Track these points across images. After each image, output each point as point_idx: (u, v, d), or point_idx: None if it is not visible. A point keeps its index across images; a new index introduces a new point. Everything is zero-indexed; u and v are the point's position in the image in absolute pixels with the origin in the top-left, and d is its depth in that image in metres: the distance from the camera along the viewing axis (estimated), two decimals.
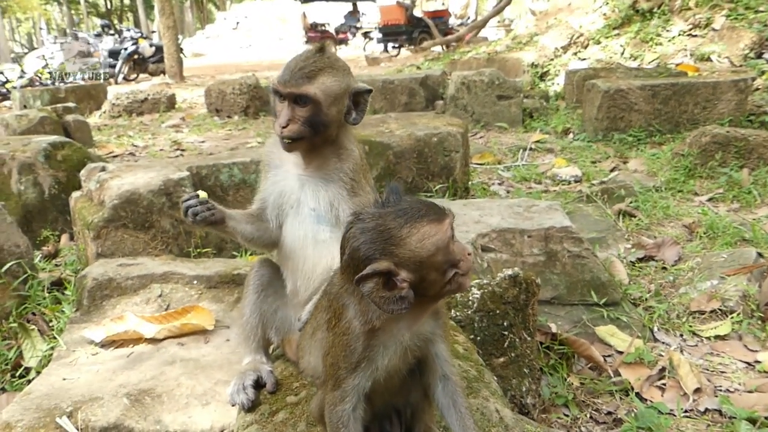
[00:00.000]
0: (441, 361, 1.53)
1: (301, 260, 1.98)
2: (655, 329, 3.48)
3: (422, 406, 1.61)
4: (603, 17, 13.60)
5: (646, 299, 3.77)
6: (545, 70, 13.09)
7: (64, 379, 2.67)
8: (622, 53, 12.33)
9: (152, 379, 2.63)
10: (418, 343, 1.49)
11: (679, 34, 11.88)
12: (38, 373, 2.89)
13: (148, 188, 4.20)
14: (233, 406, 1.89)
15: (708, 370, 3.14)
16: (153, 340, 2.97)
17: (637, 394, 2.92)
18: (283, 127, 1.89)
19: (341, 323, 1.43)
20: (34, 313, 3.51)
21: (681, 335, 3.45)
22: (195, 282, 3.44)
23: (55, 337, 3.11)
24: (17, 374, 3.05)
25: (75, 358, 2.88)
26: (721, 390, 2.95)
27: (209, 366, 2.76)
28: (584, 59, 12.69)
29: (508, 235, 3.64)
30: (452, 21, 30.87)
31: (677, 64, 10.73)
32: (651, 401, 2.86)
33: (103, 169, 4.61)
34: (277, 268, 2.09)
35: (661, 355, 3.21)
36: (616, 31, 12.97)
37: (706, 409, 2.79)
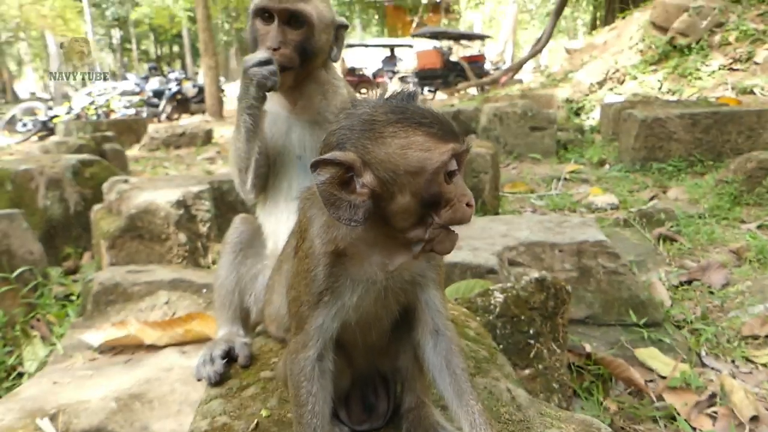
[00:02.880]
0: (432, 312, 1.24)
1: (285, 215, 1.74)
2: (703, 353, 3.14)
3: (413, 372, 1.32)
4: (639, 53, 13.39)
5: (691, 322, 3.44)
6: (580, 105, 12.86)
7: (55, 383, 2.50)
8: (660, 88, 12.04)
9: (146, 383, 2.44)
10: (403, 286, 1.22)
11: (719, 69, 11.57)
12: None
13: (167, 199, 4.11)
14: (199, 380, 1.65)
15: (765, 398, 2.78)
16: (154, 347, 2.81)
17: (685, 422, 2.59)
18: (275, 49, 1.66)
19: (305, 244, 1.19)
20: (38, 319, 3.39)
21: (732, 361, 3.10)
22: (204, 291, 3.28)
23: (54, 343, 2.97)
24: (11, 377, 2.91)
25: (71, 362, 2.72)
26: None
27: None
28: (620, 94, 12.44)
29: (538, 249, 3.39)
30: (488, 66, 31.08)
31: (718, 98, 10.39)
32: (701, 430, 2.52)
33: (126, 182, 4.56)
34: (259, 228, 1.87)
35: (711, 381, 2.87)
36: (653, 67, 12.72)
37: None
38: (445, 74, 27.89)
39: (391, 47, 38.06)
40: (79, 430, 2.14)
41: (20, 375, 2.95)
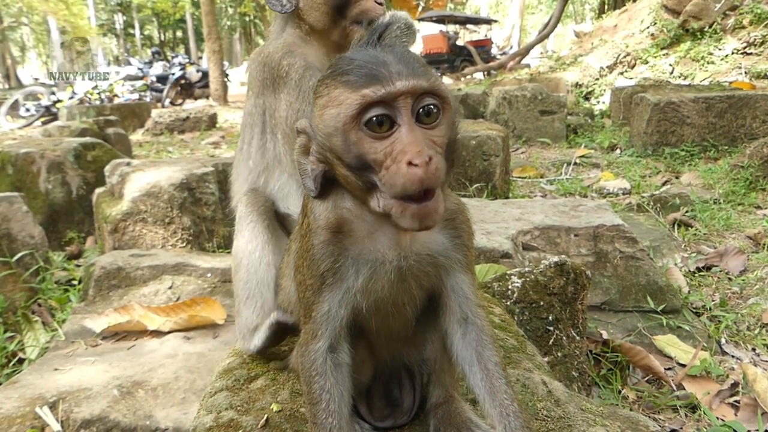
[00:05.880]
0: (460, 299, 1.10)
1: None
2: (723, 341, 3.04)
3: (441, 364, 1.19)
4: (650, 37, 13.17)
5: (710, 309, 3.33)
6: (590, 89, 12.67)
7: (56, 369, 2.43)
8: (672, 72, 11.84)
9: (149, 371, 2.36)
10: (425, 269, 1.07)
11: (733, 53, 11.35)
12: None
13: (170, 182, 4.02)
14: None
15: None
16: (158, 333, 2.73)
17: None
18: None
19: (305, 220, 1.09)
20: (39, 304, 3.32)
21: (753, 349, 3.00)
22: (209, 275, 3.20)
23: (56, 329, 2.89)
24: (12, 364, 2.83)
25: (73, 349, 2.65)
26: None
27: (214, 360, 2.48)
28: (631, 78, 12.24)
29: (552, 233, 3.28)
30: (494, 51, 30.76)
31: (731, 82, 10.20)
32: (723, 419, 2.43)
33: (128, 164, 4.47)
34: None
35: (732, 369, 2.77)
36: (665, 51, 12.50)
37: None
38: (451, 59, 27.60)
39: None
40: (80, 419, 2.06)
41: (21, 361, 2.88)
